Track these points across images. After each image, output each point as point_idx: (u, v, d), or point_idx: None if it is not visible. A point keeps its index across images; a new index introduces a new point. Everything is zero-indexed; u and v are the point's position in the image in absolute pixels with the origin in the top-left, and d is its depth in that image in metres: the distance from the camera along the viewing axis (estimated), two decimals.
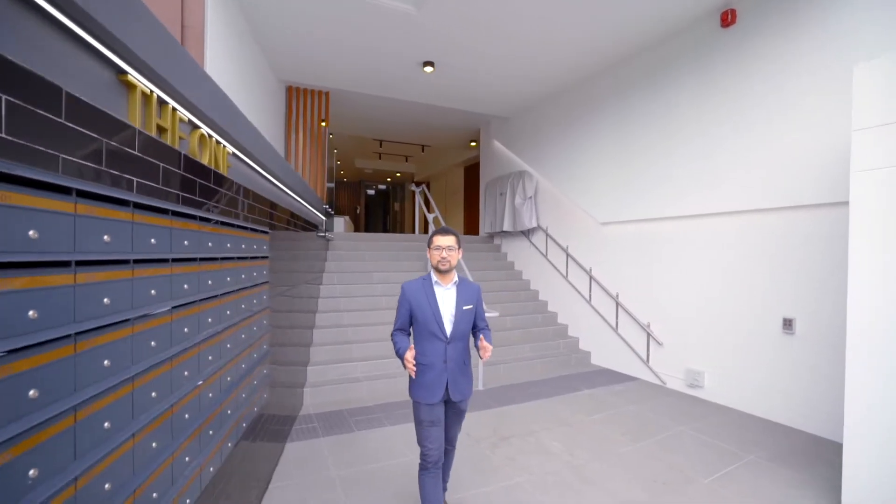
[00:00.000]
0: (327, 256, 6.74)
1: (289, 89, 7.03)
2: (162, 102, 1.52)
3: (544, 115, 7.23)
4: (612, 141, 5.82)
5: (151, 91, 1.43)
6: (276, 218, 3.46)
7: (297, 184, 4.64)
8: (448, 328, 2.26)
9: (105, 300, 1.19)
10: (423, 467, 2.27)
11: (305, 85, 6.96)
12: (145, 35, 1.33)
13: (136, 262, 1.33)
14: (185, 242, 1.65)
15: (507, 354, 5.74)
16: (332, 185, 9.09)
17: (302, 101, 7.13)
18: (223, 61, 4.34)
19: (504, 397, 4.62)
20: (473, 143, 10.32)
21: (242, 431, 2.34)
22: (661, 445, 3.52)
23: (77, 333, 1.08)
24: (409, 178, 17.06)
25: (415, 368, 2.19)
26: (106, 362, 1.19)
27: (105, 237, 1.19)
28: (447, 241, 2.30)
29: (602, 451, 3.41)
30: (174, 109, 1.60)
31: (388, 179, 17.65)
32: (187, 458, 1.67)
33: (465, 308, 2.30)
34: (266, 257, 2.87)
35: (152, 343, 1.42)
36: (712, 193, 4.58)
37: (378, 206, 19.58)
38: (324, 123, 8.95)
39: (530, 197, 7.22)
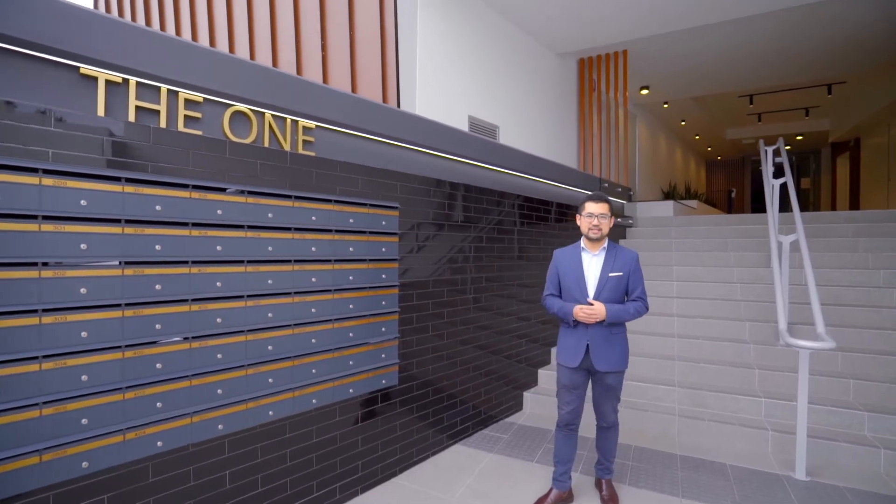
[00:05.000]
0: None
1: (580, 63, 6.36)
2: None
3: None
4: None
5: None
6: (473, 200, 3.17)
7: (531, 166, 4.14)
8: (591, 293, 2.26)
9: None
10: (557, 425, 2.42)
11: (592, 49, 6.05)
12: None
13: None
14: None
15: None
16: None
17: (596, 71, 6.29)
18: (441, 56, 4.42)
19: None
20: None
21: (359, 394, 2.50)
22: None
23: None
24: (819, 139, 11.90)
25: (591, 313, 2.19)
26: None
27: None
28: (600, 207, 2.24)
29: None
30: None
31: (788, 147, 12.99)
32: (270, 380, 2.10)
33: (611, 275, 2.25)
34: (395, 234, 2.69)
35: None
36: None
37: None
38: (644, 91, 7.66)
39: None
